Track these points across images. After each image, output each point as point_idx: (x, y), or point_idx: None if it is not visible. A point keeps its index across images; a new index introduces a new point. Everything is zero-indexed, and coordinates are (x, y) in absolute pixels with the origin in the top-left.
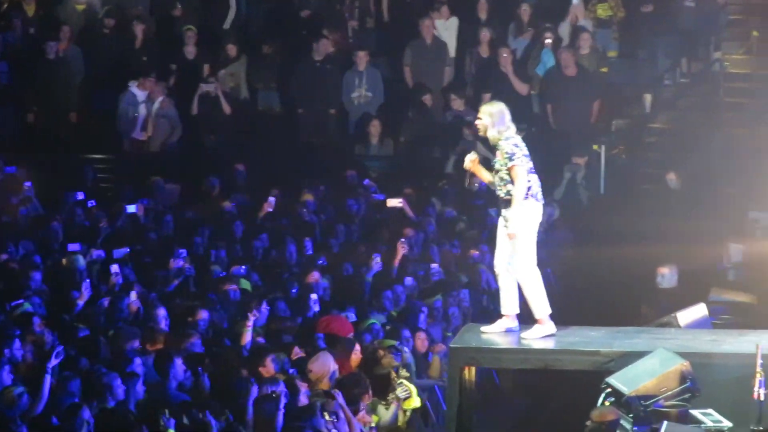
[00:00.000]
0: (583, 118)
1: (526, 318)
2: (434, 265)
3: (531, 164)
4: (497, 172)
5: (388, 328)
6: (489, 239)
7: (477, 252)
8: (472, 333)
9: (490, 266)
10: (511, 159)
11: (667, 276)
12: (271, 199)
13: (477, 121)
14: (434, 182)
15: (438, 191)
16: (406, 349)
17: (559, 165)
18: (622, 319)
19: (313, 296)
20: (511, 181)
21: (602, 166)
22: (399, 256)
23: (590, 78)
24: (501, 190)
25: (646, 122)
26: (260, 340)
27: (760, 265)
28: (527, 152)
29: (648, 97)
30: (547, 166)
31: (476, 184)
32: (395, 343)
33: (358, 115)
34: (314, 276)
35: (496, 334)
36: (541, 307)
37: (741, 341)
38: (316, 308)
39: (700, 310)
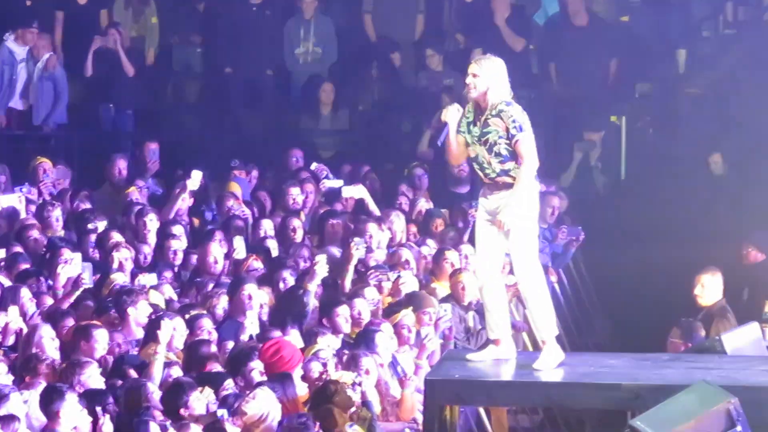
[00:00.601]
0: (598, 82)
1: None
2: (404, 273)
3: None
4: (491, 145)
5: (343, 355)
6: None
7: (462, 255)
8: (454, 362)
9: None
10: (520, 129)
11: (708, 286)
12: (196, 173)
13: (470, 79)
14: (404, 165)
15: (409, 176)
16: (366, 382)
17: (567, 142)
18: (651, 343)
19: (249, 314)
20: (512, 158)
21: (623, 143)
22: (353, 260)
23: (606, 29)
24: (492, 169)
25: (679, 86)
26: (178, 370)
27: None
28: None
29: (682, 54)
30: (551, 144)
31: (439, 143)
32: (352, 375)
33: (303, 78)
34: (247, 288)
35: (485, 363)
36: (551, 326)
37: None
38: (254, 330)
39: (752, 331)
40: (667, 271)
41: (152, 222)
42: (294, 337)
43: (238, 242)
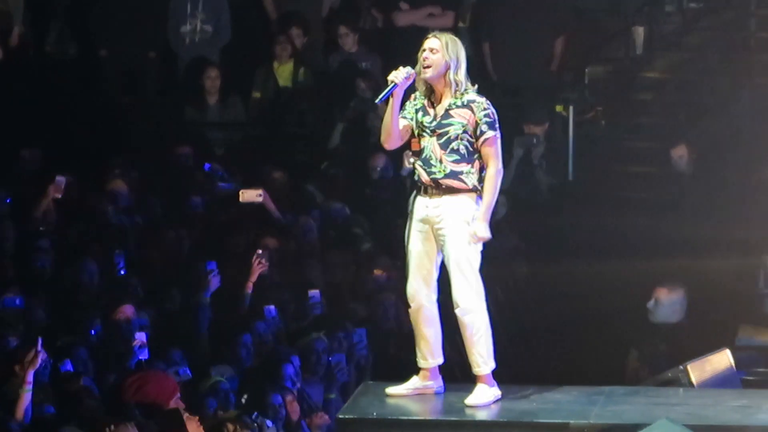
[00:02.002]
0: (540, 65)
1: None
2: (313, 292)
3: None
4: (449, 139)
5: (243, 388)
6: (399, 251)
7: (381, 272)
8: (371, 396)
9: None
10: (493, 127)
11: (667, 303)
12: (60, 179)
13: (427, 54)
14: (312, 163)
15: (319, 177)
16: (268, 422)
17: (504, 137)
18: (603, 374)
19: (138, 340)
20: (468, 159)
21: (570, 137)
22: (254, 277)
23: (549, 3)
24: (440, 168)
25: (636, 70)
26: (49, 409)
27: None
28: None
29: (640, 32)
30: None
31: (378, 101)
32: (251, 413)
33: (190, 61)
34: (126, 310)
35: (409, 397)
36: (490, 358)
37: None
38: (143, 356)
39: (722, 360)
40: (623, 286)
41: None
42: (183, 368)
43: (118, 257)
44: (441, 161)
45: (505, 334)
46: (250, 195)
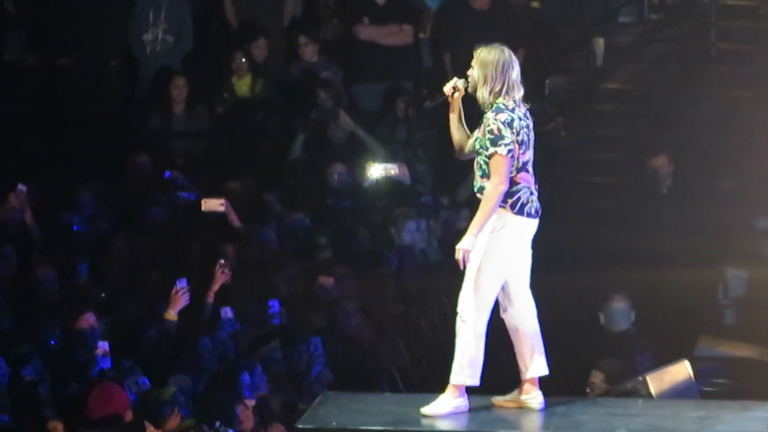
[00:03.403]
0: None
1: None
2: (272, 301)
3: (528, 157)
4: (478, 154)
5: (205, 398)
6: (360, 261)
7: (327, 279)
8: (330, 406)
9: (368, 303)
10: (494, 143)
11: (619, 310)
12: (21, 188)
13: (470, 71)
14: (273, 173)
15: (280, 187)
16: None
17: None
18: (561, 385)
19: (101, 349)
20: (489, 175)
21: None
22: (216, 286)
23: (511, 13)
24: (475, 181)
25: (597, 81)
26: (2, 417)
27: None
28: (528, 137)
29: (600, 43)
30: (445, 150)
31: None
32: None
33: (153, 70)
34: (88, 319)
35: (369, 408)
36: (463, 370)
37: (745, 419)
38: (105, 365)
39: (681, 371)
40: (582, 297)
41: None
42: (141, 377)
43: (80, 265)
44: (474, 177)
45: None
46: (212, 204)
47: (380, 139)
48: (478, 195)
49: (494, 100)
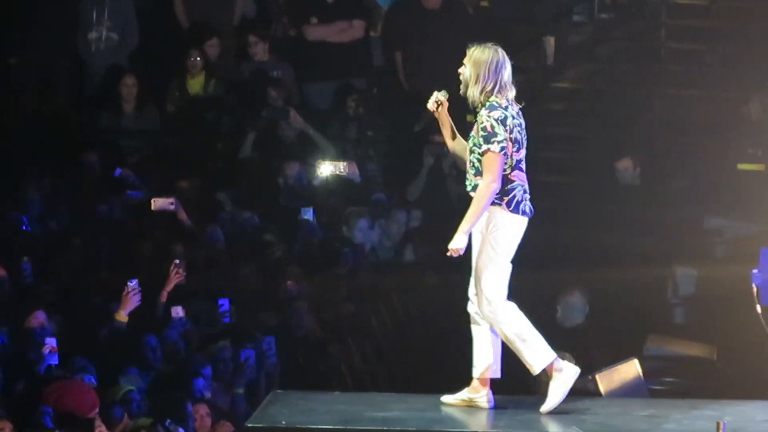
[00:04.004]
0: (452, 75)
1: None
2: (222, 300)
3: (522, 155)
4: (470, 152)
5: (157, 398)
6: (311, 260)
7: (291, 282)
8: (280, 405)
9: (318, 301)
10: (487, 140)
11: (574, 305)
12: None
13: (461, 70)
14: (224, 171)
15: (231, 186)
16: (180, 430)
17: (415, 146)
18: (512, 384)
19: (48, 345)
20: (482, 172)
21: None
22: (170, 286)
23: (462, 13)
24: (468, 180)
25: (547, 80)
26: None
27: (721, 301)
28: (521, 136)
29: (551, 42)
30: (396, 149)
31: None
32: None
33: (101, 68)
34: (38, 317)
35: (318, 407)
36: (540, 354)
37: (693, 417)
38: (53, 361)
39: (630, 370)
40: (532, 295)
41: None
42: (89, 376)
43: (25, 264)
44: (468, 174)
45: (416, 344)
46: (162, 203)
47: (331, 138)
48: (471, 193)
49: (485, 100)
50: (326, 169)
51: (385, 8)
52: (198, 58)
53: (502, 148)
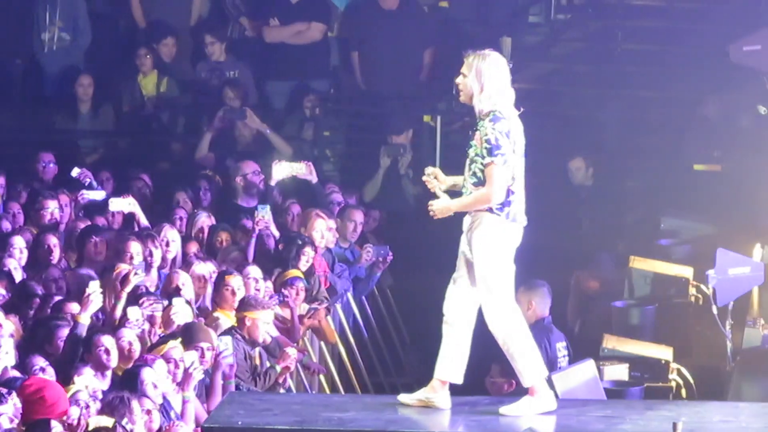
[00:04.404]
0: (409, 75)
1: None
2: (178, 300)
3: (521, 165)
4: (470, 161)
5: (110, 397)
6: (269, 260)
7: (251, 279)
8: (236, 405)
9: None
10: (490, 153)
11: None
12: None
13: (459, 79)
14: (182, 172)
15: (188, 186)
16: (134, 429)
17: (371, 146)
18: (471, 384)
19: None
20: (484, 183)
21: (438, 147)
22: (129, 287)
23: (419, 13)
24: (466, 188)
25: None
26: None
27: (677, 301)
28: (521, 146)
29: (507, 43)
30: (354, 149)
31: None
32: (110, 420)
33: (56, 68)
34: None
35: (275, 407)
36: (534, 369)
37: (650, 418)
38: (8, 361)
39: (586, 370)
40: None
41: None
42: (48, 376)
43: None
44: (465, 182)
45: (371, 344)
46: (120, 203)
47: (288, 138)
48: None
49: (492, 107)
50: (283, 169)
51: (342, 9)
52: (148, 56)
53: (506, 161)
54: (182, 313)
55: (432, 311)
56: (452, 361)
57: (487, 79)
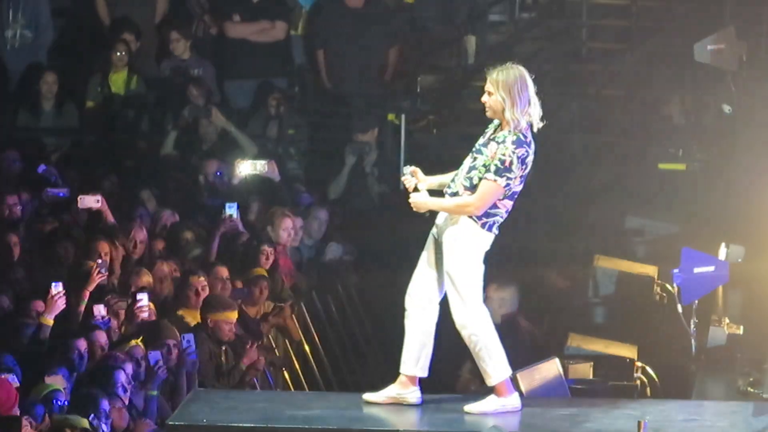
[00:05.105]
0: (374, 73)
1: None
2: (141, 295)
3: (520, 188)
4: (472, 167)
5: (77, 395)
6: (235, 259)
7: (216, 278)
8: (201, 403)
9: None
10: (497, 173)
11: (496, 300)
12: None
13: (485, 98)
14: (147, 169)
15: (153, 184)
16: (102, 427)
17: (336, 144)
18: (438, 383)
19: None
20: (475, 189)
21: (402, 145)
22: (92, 285)
23: (385, 12)
24: (454, 187)
25: (468, 79)
26: None
27: (642, 299)
28: (526, 169)
29: (472, 41)
30: (318, 147)
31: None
32: (86, 420)
33: (19, 66)
34: None
35: (239, 405)
36: (496, 370)
37: (615, 416)
38: None
39: (551, 369)
40: None
41: None
42: (12, 376)
43: None
44: (457, 179)
45: (336, 343)
46: (88, 201)
47: (252, 136)
48: (447, 194)
49: (526, 121)
50: (246, 167)
51: (307, 8)
52: (123, 53)
53: (507, 185)
54: (146, 311)
55: (396, 308)
56: (416, 355)
57: (516, 92)
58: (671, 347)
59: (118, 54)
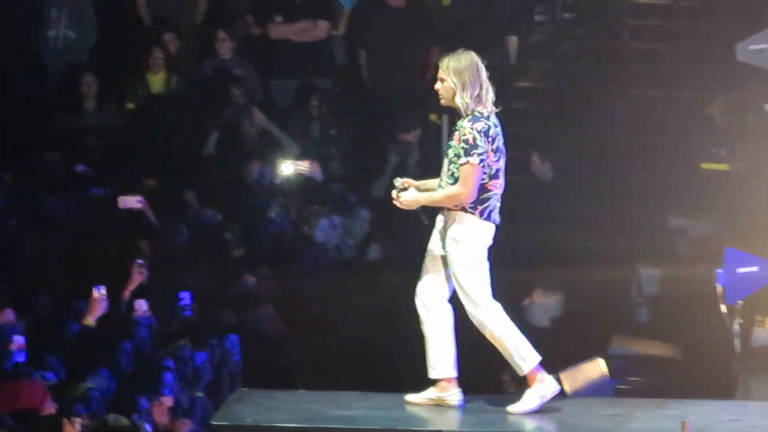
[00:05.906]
0: (415, 74)
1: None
2: (183, 294)
3: (501, 164)
4: (448, 162)
5: (120, 395)
6: (273, 259)
7: (254, 278)
8: (245, 403)
9: (283, 301)
10: (467, 153)
11: (540, 305)
12: None
13: (438, 85)
14: (188, 170)
15: (194, 184)
16: (147, 427)
17: (377, 145)
18: (476, 384)
19: (15, 343)
20: (457, 180)
21: (443, 146)
22: (133, 285)
23: (426, 12)
24: (441, 187)
25: (510, 79)
26: None
27: (685, 300)
28: (500, 144)
29: (513, 42)
30: (361, 147)
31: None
32: (128, 419)
33: (60, 66)
34: (7, 315)
35: (284, 405)
36: (528, 356)
37: (658, 417)
38: (20, 358)
39: (594, 369)
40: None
41: None
42: (48, 373)
43: None
44: (441, 181)
45: (379, 344)
46: (129, 201)
47: (293, 136)
48: None
49: (476, 105)
50: (288, 167)
51: (349, 8)
52: (160, 55)
53: (482, 161)
54: (188, 310)
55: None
56: (444, 357)
57: (468, 77)
58: (715, 347)
59: (155, 57)
